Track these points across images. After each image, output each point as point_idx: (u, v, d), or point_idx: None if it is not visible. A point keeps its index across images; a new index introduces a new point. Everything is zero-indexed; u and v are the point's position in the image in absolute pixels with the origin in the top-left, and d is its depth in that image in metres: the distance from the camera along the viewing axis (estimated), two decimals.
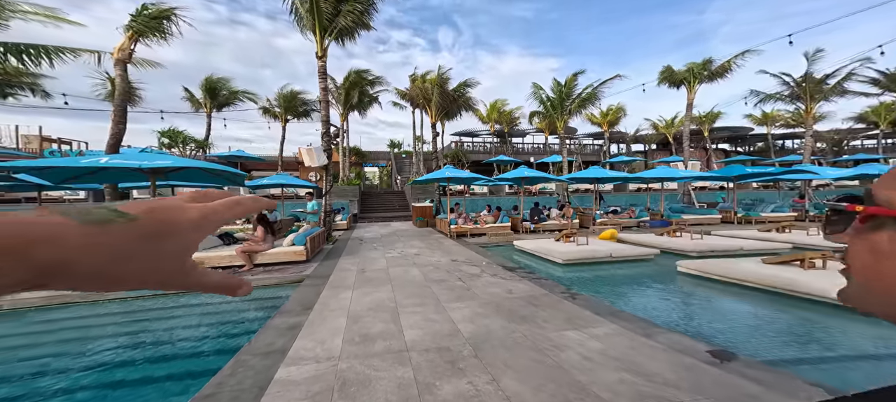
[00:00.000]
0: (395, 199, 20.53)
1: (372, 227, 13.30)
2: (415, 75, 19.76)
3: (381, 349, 2.73)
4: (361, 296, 4.18)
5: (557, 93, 15.70)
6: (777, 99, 16.69)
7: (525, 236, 8.97)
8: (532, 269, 5.72)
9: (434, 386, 2.18)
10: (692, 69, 16.11)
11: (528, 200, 13.53)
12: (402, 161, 29.85)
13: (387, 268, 5.78)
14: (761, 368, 2.20)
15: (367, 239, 9.71)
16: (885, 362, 2.69)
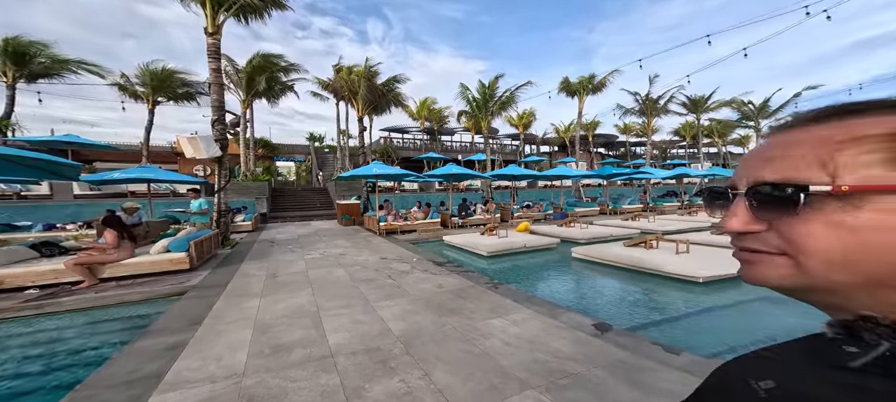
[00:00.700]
0: (315, 196, 18.56)
1: (286, 227, 11.68)
2: (340, 66, 18.19)
3: (299, 359, 2.41)
4: (272, 304, 3.61)
5: (482, 94, 16.89)
6: (631, 113, 21.95)
7: (454, 231, 9.35)
8: (460, 262, 6.00)
9: (363, 390, 2.04)
10: (582, 82, 19.65)
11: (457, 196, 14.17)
12: (325, 156, 27.28)
13: (306, 271, 5.15)
14: (626, 335, 2.78)
15: (280, 241, 8.47)
16: (694, 317, 3.75)
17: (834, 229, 0.26)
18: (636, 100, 20.92)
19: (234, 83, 16.53)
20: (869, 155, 0.25)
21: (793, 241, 0.28)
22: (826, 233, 0.26)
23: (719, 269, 4.53)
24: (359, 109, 15.08)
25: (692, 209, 13.36)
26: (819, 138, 0.28)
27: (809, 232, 0.27)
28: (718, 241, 6.54)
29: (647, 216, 10.94)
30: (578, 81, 19.57)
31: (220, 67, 8.00)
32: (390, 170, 10.27)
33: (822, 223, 0.26)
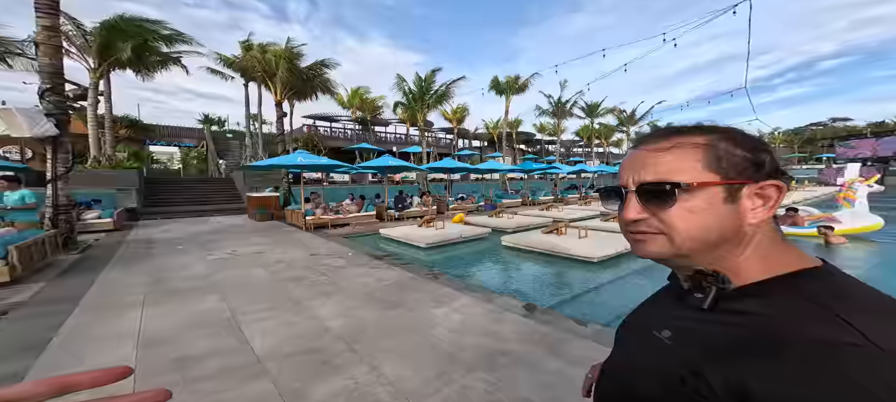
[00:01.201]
0: (214, 188, 15.42)
1: (172, 224, 9.33)
2: (249, 43, 15.38)
3: (215, 370, 1.99)
4: (163, 314, 2.87)
5: (419, 86, 16.77)
6: (546, 114, 25.32)
7: (390, 224, 9.07)
8: (399, 255, 5.87)
9: (304, 391, 1.82)
10: (508, 82, 21.55)
11: (393, 188, 13.78)
12: (228, 142, 22.87)
13: (209, 274, 4.24)
14: (548, 312, 3.15)
15: (163, 240, 6.73)
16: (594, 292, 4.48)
17: (688, 213, 0.38)
18: (550, 102, 24.13)
19: (81, 48, 12.11)
20: (685, 157, 0.39)
21: (667, 223, 0.39)
22: (685, 216, 0.39)
23: (609, 249, 5.59)
24: (277, 92, 13.04)
25: (588, 200, 16.22)
26: (671, 145, 0.40)
27: (676, 216, 0.39)
28: (607, 226, 8.11)
29: (557, 206, 12.79)
30: (506, 81, 21.33)
31: (58, 25, 5.78)
32: (318, 160, 9.27)
33: (683, 209, 0.39)
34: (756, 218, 0.38)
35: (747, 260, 0.39)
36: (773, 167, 0.39)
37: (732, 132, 0.40)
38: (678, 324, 0.41)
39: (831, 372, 0.29)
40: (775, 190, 0.38)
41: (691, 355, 0.37)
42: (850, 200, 7.22)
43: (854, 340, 0.29)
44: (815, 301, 0.33)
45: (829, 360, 0.29)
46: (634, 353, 0.46)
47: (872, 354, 0.28)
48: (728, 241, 0.39)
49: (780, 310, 0.34)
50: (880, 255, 5.94)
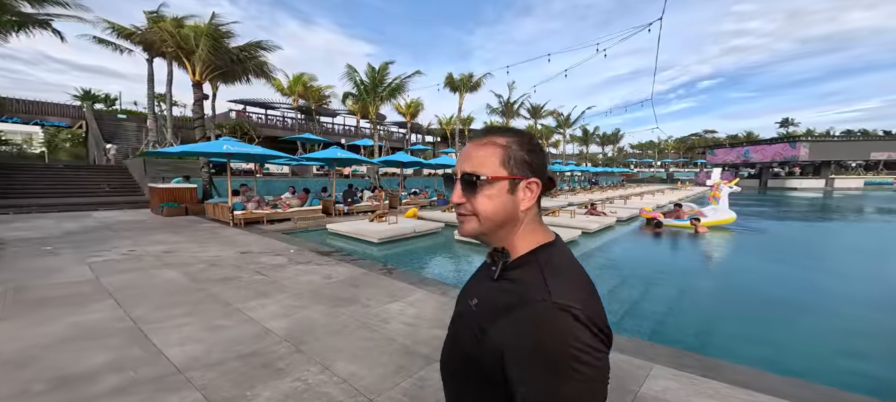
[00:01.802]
0: (99, 176, 12.34)
1: (32, 221, 7.15)
2: (157, 15, 12.70)
3: (115, 385, 1.60)
4: (27, 327, 2.20)
5: (371, 78, 15.97)
6: (496, 112, 26.78)
7: (338, 219, 8.43)
8: (349, 251, 5.51)
9: (244, 398, 1.57)
10: (463, 80, 22.10)
11: (341, 182, 12.86)
12: (119, 124, 18.62)
13: (95, 278, 3.36)
14: None
15: (18, 240, 5.11)
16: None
17: (487, 199, 0.48)
18: (499, 102, 25.51)
19: None
20: (491, 157, 0.49)
21: (475, 207, 0.49)
22: (485, 201, 0.49)
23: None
24: (195, 72, 10.98)
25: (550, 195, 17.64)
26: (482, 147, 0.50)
27: (480, 201, 0.49)
28: (548, 220, 8.84)
29: None
30: (460, 78, 21.81)
31: None
32: (249, 149, 8.10)
33: (483, 196, 0.49)
34: (525, 205, 0.49)
35: (518, 239, 0.50)
36: (539, 166, 0.51)
37: (521, 138, 0.51)
38: (482, 293, 0.51)
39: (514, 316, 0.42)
40: (536, 185, 0.50)
41: (484, 316, 0.47)
42: (717, 198, 9.33)
43: (544, 297, 0.42)
44: (541, 268, 0.46)
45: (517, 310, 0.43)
46: (457, 317, 0.56)
47: (547, 305, 0.41)
48: (509, 222, 0.50)
49: (523, 278, 0.46)
50: (729, 240, 7.77)
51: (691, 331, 3.18)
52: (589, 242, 7.25)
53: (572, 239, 6.94)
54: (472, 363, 0.48)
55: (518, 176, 0.49)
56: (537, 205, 0.52)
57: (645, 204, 12.41)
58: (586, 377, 0.38)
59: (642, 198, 16.07)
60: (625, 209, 10.96)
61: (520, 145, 0.50)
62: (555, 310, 0.40)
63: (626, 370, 1.95)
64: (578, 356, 0.38)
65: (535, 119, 30.86)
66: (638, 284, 4.63)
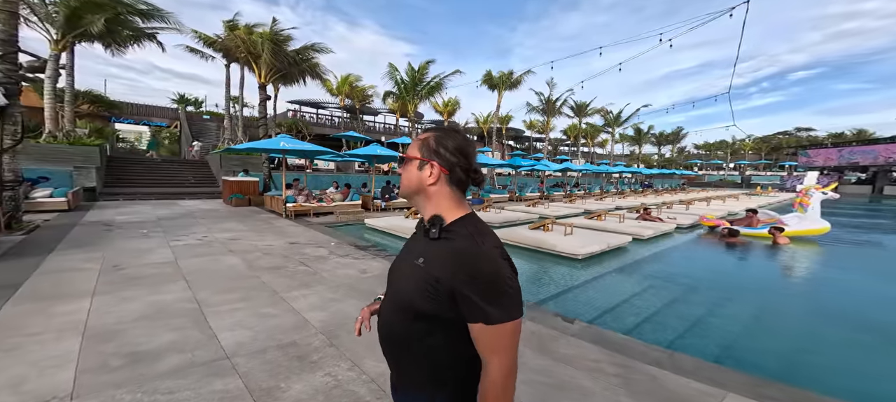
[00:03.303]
0: (187, 170, 14.49)
1: (135, 207, 8.67)
2: (234, 23, 14.42)
3: (175, 366, 1.79)
4: (117, 303, 2.59)
5: (411, 77, 16.35)
6: (536, 111, 25.48)
7: (376, 214, 8.82)
8: (385, 246, 5.69)
9: (278, 389, 1.67)
10: (502, 77, 21.44)
11: (380, 178, 13.45)
12: (204, 124, 21.64)
13: (175, 260, 3.92)
14: (535, 308, 3.13)
15: (123, 224, 6.21)
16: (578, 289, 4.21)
17: (405, 172, 0.70)
18: (540, 100, 24.24)
19: (43, 17, 10.88)
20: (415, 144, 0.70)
21: (403, 179, 0.71)
22: (404, 173, 0.71)
23: (593, 246, 5.67)
24: (261, 74, 12.31)
25: (572, 198, 16.53)
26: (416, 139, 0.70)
27: (403, 172, 0.71)
28: (591, 224, 8.27)
29: (544, 203, 12.96)
30: (499, 75, 21.21)
31: None
32: (302, 145, 8.83)
33: (404, 170, 0.71)
34: (428, 181, 0.66)
35: (445, 211, 0.65)
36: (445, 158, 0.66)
37: (438, 135, 0.68)
38: (426, 252, 0.64)
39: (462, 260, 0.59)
40: (433, 167, 0.66)
41: (436, 268, 0.60)
42: (805, 205, 7.74)
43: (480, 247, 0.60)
44: (468, 228, 0.63)
45: (464, 256, 0.59)
46: (403, 278, 0.68)
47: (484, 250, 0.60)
48: (420, 193, 0.68)
49: (461, 237, 0.62)
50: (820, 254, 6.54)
51: (771, 356, 2.73)
52: (641, 249, 6.49)
53: (620, 246, 6.26)
54: (422, 313, 0.62)
55: (425, 158, 0.67)
56: (453, 186, 0.67)
57: (711, 210, 10.83)
58: (514, 291, 0.59)
59: (708, 204, 14.03)
60: (686, 215, 9.75)
61: (434, 140, 0.67)
62: (488, 253, 0.60)
63: (692, 397, 1.68)
64: (507, 280, 0.59)
65: (579, 117, 28.73)
66: (702, 299, 4.05)
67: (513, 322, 0.58)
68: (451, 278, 0.58)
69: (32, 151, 9.60)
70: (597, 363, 2.10)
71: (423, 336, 0.63)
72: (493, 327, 0.57)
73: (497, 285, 0.57)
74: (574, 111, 28.16)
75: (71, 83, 12.75)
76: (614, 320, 3.32)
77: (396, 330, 0.68)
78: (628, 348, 2.34)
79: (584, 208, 12.42)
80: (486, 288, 0.57)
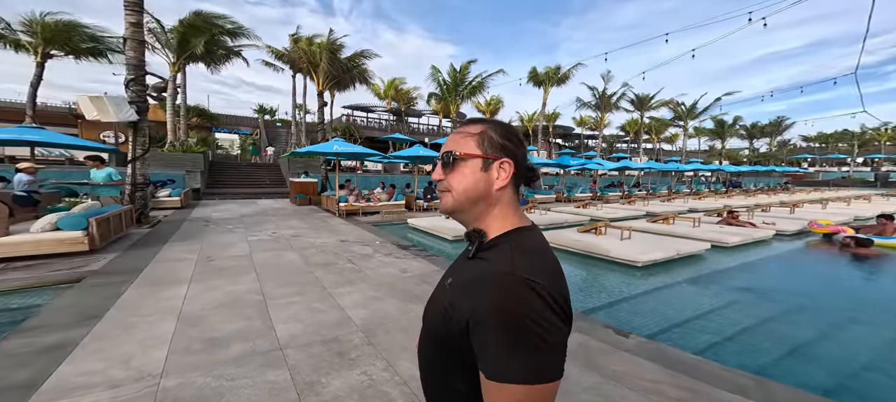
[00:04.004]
0: (264, 172, 16.73)
1: (226, 205, 10.31)
2: (298, 35, 16.24)
3: (238, 354, 2.05)
4: (205, 291, 3.08)
5: (453, 78, 16.51)
6: (588, 107, 23.45)
7: (419, 214, 9.10)
8: (425, 246, 5.82)
9: (319, 384, 1.79)
10: (548, 73, 20.27)
11: (423, 178, 13.86)
12: (277, 131, 24.82)
13: (250, 254, 4.54)
14: (583, 317, 2.86)
15: (217, 220, 7.42)
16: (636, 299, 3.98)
17: (462, 176, 0.54)
18: (593, 95, 22.28)
19: (163, 43, 13.74)
20: (468, 140, 0.55)
21: (450, 183, 0.55)
22: (460, 178, 0.55)
23: (657, 253, 4.99)
24: (319, 82, 13.69)
25: (632, 199, 14.83)
26: (461, 132, 0.57)
27: (455, 178, 0.55)
28: (655, 228, 7.28)
29: (596, 204, 11.88)
30: (545, 71, 20.12)
31: (142, 22, 6.51)
32: (353, 148, 9.55)
33: (459, 173, 0.55)
34: (499, 185, 0.54)
35: (492, 220, 0.54)
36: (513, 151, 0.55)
37: (496, 125, 0.57)
38: (457, 272, 0.55)
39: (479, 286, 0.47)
40: (509, 165, 0.54)
41: (454, 292, 0.52)
42: None
43: (508, 270, 0.46)
44: (511, 247, 0.49)
45: (483, 279, 0.47)
46: (432, 299, 0.59)
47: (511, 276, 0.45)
48: (483, 200, 0.55)
49: (495, 256, 0.50)
50: None
51: None
52: (724, 258, 5.56)
53: (694, 253, 5.45)
54: (443, 343, 0.52)
55: (491, 156, 0.54)
56: (514, 191, 0.56)
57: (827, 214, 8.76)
58: (547, 344, 0.42)
59: (825, 206, 11.41)
60: (790, 220, 8.14)
61: (495, 130, 0.55)
62: (517, 283, 0.44)
63: None
64: (538, 331, 0.42)
65: (640, 111, 25.66)
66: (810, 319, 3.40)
67: (534, 387, 0.41)
68: (463, 307, 0.47)
69: (158, 158, 12.08)
70: (656, 385, 1.85)
71: (444, 374, 0.54)
72: (500, 387, 0.41)
73: (518, 328, 0.41)
74: (634, 105, 25.26)
75: (184, 100, 15.83)
76: (681, 337, 2.91)
77: (422, 357, 0.61)
78: (699, 369, 2.03)
79: (646, 211, 11.12)
80: (502, 329, 0.41)
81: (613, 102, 22.67)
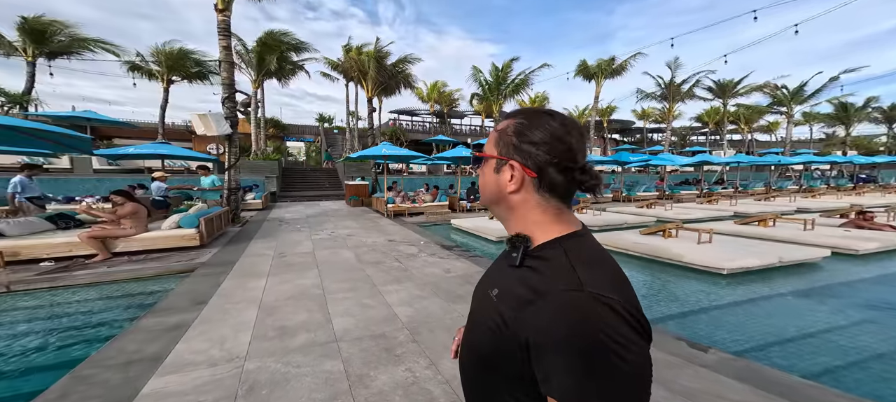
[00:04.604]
0: (324, 176, 18.60)
1: (296, 206, 11.76)
2: (349, 46, 17.71)
3: (303, 343, 2.34)
4: (279, 284, 3.57)
5: (495, 77, 16.25)
6: (652, 98, 20.75)
7: (462, 215, 9.19)
8: (468, 247, 5.86)
9: (368, 377, 1.96)
10: (600, 65, 18.57)
11: (466, 179, 13.93)
12: (334, 137, 27.31)
13: (313, 251, 5.12)
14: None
15: (288, 220, 8.50)
16: (718, 311, 3.48)
17: (482, 175, 0.56)
18: (659, 84, 19.68)
19: (246, 62, 16.37)
20: (491, 136, 0.54)
21: (480, 184, 0.57)
22: (481, 177, 0.56)
23: (749, 259, 4.25)
24: (368, 89, 14.76)
25: (712, 198, 12.71)
26: (494, 128, 0.55)
27: (480, 176, 0.56)
28: (748, 231, 6.17)
29: (664, 204, 10.51)
30: (597, 63, 18.52)
31: (230, 45, 7.82)
32: (399, 151, 10.07)
33: (482, 172, 0.56)
34: (509, 188, 0.50)
35: (531, 226, 0.50)
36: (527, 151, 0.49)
37: (520, 121, 0.51)
38: (502, 282, 0.51)
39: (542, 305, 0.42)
40: (513, 169, 0.50)
41: (506, 307, 0.47)
42: None
43: (575, 286, 0.41)
44: (568, 257, 0.45)
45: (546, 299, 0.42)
46: (475, 310, 0.56)
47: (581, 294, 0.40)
48: (500, 202, 0.53)
49: (549, 267, 0.45)
50: None
51: None
52: (852, 267, 4.63)
53: (806, 261, 4.60)
54: (492, 359, 0.48)
55: (503, 157, 0.51)
56: (546, 194, 0.50)
57: None
58: (627, 372, 0.38)
59: None
60: None
61: (516, 125, 0.51)
62: (589, 300, 0.40)
63: None
64: (617, 350, 0.37)
65: (723, 99, 21.88)
66: None
67: None
68: (522, 327, 0.43)
69: (245, 165, 14.34)
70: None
71: (493, 392, 0.49)
72: None
73: (594, 351, 0.37)
74: (713, 92, 21.66)
75: (263, 113, 18.59)
76: (783, 357, 2.49)
77: (466, 374, 0.56)
78: (807, 395, 1.75)
79: (733, 211, 9.53)
80: (572, 353, 0.38)
81: (685, 90, 19.70)
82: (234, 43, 14.08)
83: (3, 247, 4.05)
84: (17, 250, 4.14)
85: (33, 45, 13.84)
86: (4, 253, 4.02)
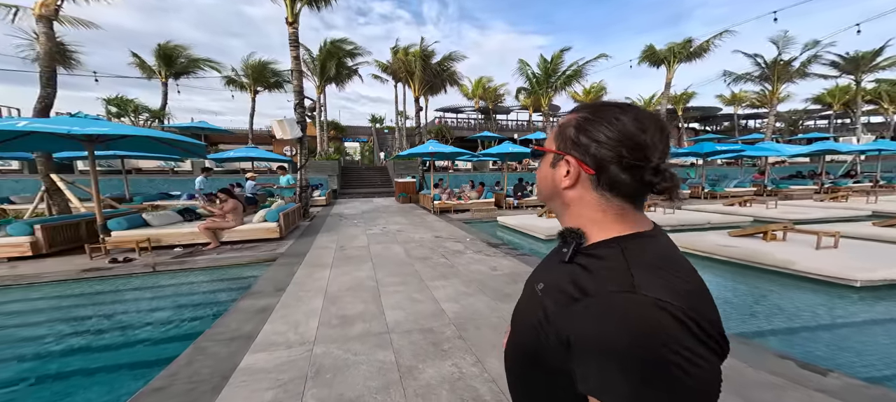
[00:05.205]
0: (377, 174, 19.89)
1: (353, 203, 12.86)
2: (397, 48, 18.52)
3: (360, 332, 2.57)
4: (340, 275, 3.97)
5: (543, 70, 15.33)
6: (747, 80, 17.23)
7: (508, 212, 8.97)
8: (515, 245, 5.71)
9: (416, 370, 2.07)
10: (672, 49, 16.08)
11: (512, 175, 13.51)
12: (385, 136, 28.94)
13: (368, 245, 5.56)
14: (736, 340, 2.24)
15: (347, 215, 9.35)
16: (843, 329, 2.85)
17: (539, 169, 0.55)
18: (758, 63, 16.24)
19: (311, 70, 18.46)
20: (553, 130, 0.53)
21: (537, 178, 0.56)
22: (538, 171, 0.55)
23: (890, 270, 3.38)
24: (415, 89, 15.27)
25: (839, 194, 10.07)
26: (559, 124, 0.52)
27: (538, 173, 0.56)
28: (882, 234, 4.80)
29: (765, 202, 8.71)
30: (668, 47, 16.11)
31: (299, 55, 8.88)
32: (444, 148, 10.23)
33: (540, 166, 0.55)
34: (564, 184, 0.49)
35: (587, 223, 0.48)
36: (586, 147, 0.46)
37: (584, 115, 0.48)
38: (549, 277, 0.50)
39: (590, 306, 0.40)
40: (570, 164, 0.48)
41: (549, 302, 0.45)
42: None
43: (627, 288, 0.39)
44: (625, 256, 0.42)
45: (596, 300, 0.40)
46: (521, 304, 0.56)
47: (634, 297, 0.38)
48: (554, 198, 0.52)
49: (602, 265, 0.43)
50: None
51: None
52: None
53: None
54: (534, 356, 0.47)
55: (560, 151, 0.50)
56: (606, 192, 0.47)
57: None
58: (687, 381, 0.34)
59: None
60: None
61: (576, 122, 0.49)
62: (642, 304, 0.37)
63: None
64: (675, 356, 0.34)
65: (856, 75, 17.22)
66: None
67: None
68: (565, 325, 0.41)
69: (312, 165, 16.17)
70: None
71: (536, 388, 0.48)
72: None
73: (647, 362, 0.34)
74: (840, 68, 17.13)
75: (325, 116, 20.75)
76: None
77: (511, 369, 0.55)
78: None
79: (871, 210, 7.69)
80: (623, 364, 0.34)
81: (794, 69, 15.88)
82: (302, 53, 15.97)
83: (151, 235, 5.29)
84: (159, 237, 5.37)
85: (165, 68, 17.76)
86: (151, 240, 5.24)
